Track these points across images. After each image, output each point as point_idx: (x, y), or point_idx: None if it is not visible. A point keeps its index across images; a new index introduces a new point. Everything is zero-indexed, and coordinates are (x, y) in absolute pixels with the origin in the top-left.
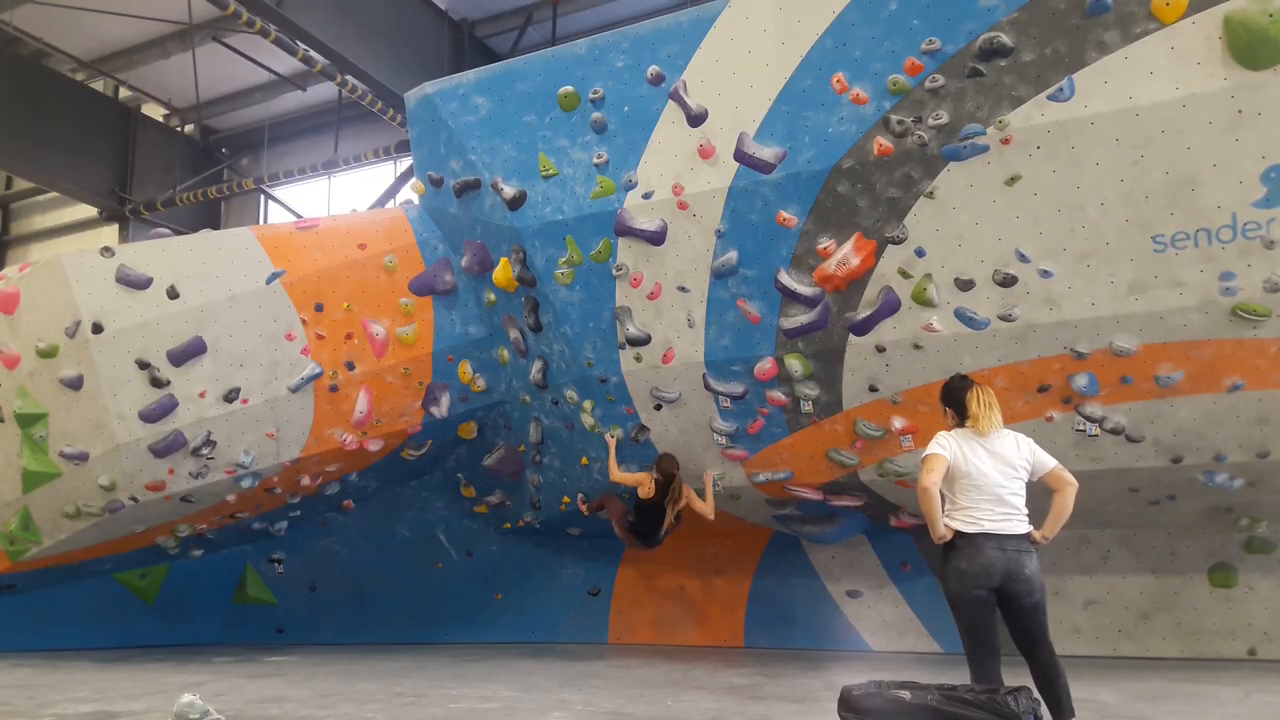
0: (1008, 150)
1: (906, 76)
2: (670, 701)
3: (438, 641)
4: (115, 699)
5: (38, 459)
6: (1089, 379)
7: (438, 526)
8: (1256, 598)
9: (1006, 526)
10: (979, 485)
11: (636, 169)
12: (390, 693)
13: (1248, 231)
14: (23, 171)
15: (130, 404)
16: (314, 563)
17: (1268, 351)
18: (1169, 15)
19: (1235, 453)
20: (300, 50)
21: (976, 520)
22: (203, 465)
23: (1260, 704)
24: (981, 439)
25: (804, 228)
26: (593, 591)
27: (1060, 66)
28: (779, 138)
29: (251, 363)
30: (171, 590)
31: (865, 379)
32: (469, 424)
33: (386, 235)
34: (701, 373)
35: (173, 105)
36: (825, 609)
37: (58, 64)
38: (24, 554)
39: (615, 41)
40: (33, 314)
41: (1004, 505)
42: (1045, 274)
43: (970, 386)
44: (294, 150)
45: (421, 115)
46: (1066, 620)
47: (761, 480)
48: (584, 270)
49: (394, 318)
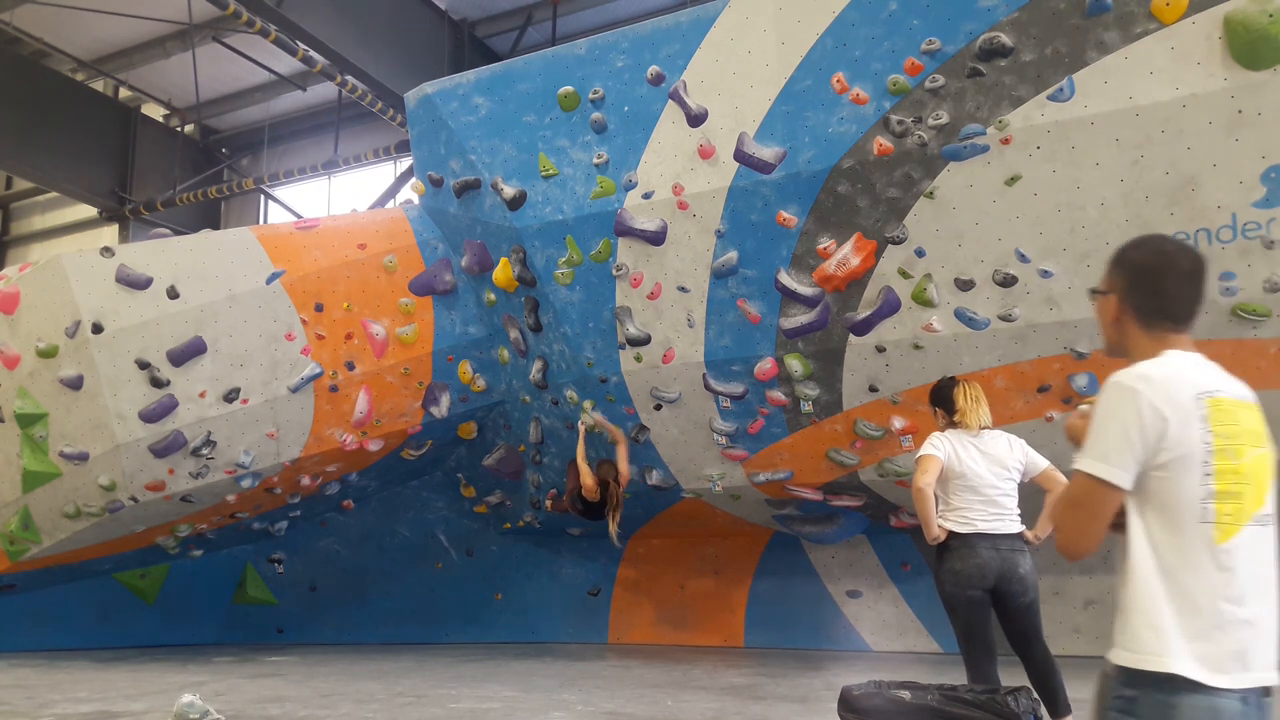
0: (1008, 150)
1: (906, 76)
2: (670, 701)
3: (438, 641)
4: (115, 699)
5: (38, 459)
6: (1089, 379)
7: (438, 526)
8: None
9: (1000, 526)
10: (973, 486)
11: (636, 169)
12: (390, 692)
13: (1248, 231)
14: (23, 171)
15: (130, 404)
16: (314, 563)
17: (1268, 351)
18: (1169, 15)
19: None
20: (300, 50)
21: (970, 520)
22: (203, 465)
23: None
24: (974, 440)
25: (804, 228)
26: (593, 591)
27: (1060, 66)
28: (779, 138)
29: (251, 363)
30: (171, 590)
31: (865, 379)
32: (469, 424)
33: (386, 235)
34: (701, 373)
35: (173, 105)
36: (825, 609)
37: (58, 64)
38: (24, 554)
39: (615, 41)
40: (33, 314)
41: (996, 505)
42: (1045, 274)
43: (957, 383)
44: (294, 150)
45: (421, 115)
46: (1066, 620)
47: (761, 480)
48: (584, 270)
49: (394, 318)
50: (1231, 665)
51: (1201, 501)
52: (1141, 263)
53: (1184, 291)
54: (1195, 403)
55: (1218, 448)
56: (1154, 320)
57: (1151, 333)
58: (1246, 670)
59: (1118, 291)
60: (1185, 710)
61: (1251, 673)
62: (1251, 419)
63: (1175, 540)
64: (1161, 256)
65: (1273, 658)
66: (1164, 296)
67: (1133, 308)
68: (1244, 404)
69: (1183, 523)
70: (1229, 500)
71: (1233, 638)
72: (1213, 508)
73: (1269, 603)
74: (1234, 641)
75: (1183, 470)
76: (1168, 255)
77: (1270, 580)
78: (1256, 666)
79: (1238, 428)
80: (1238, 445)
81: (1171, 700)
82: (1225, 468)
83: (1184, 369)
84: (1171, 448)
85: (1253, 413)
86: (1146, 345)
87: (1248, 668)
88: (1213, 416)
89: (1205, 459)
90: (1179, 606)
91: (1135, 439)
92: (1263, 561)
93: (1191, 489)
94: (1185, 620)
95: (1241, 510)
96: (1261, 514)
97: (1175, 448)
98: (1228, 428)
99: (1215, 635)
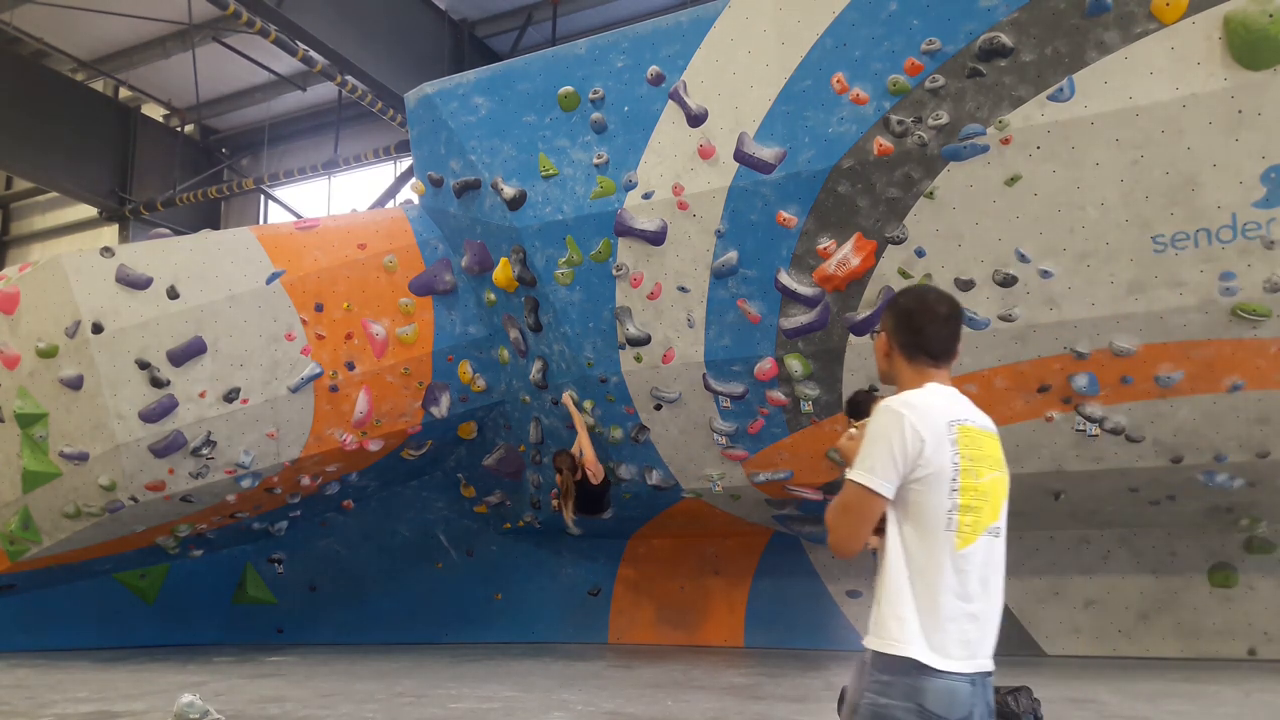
0: (1008, 150)
1: (906, 76)
2: (670, 701)
3: (438, 641)
4: (115, 699)
5: (38, 459)
6: (1089, 379)
7: (438, 526)
8: (1256, 598)
9: None
10: None
11: (636, 169)
12: (390, 693)
13: (1248, 231)
14: (23, 171)
15: (130, 404)
16: (314, 563)
17: (1267, 351)
18: (1169, 15)
19: (1235, 453)
20: (300, 50)
21: None
22: (203, 465)
23: (1260, 704)
24: None
25: (804, 228)
26: (593, 591)
27: (1060, 66)
28: (779, 138)
29: (251, 363)
30: (171, 590)
31: (865, 379)
32: (469, 424)
33: (386, 235)
34: (701, 373)
35: (173, 105)
36: (825, 609)
37: (58, 64)
38: (24, 554)
39: (615, 41)
40: (33, 314)
41: None
42: (1045, 274)
43: (874, 398)
44: (294, 150)
45: (421, 115)
46: (1066, 620)
47: (761, 480)
48: (584, 270)
49: (394, 318)
50: (959, 652)
51: (948, 513)
52: (905, 307)
53: (940, 333)
54: (948, 428)
55: (964, 468)
56: (915, 356)
57: (914, 366)
58: (973, 658)
59: (887, 331)
60: (929, 692)
61: (977, 660)
62: (992, 446)
63: (924, 544)
64: (922, 303)
65: (991, 647)
66: (923, 336)
67: (898, 345)
68: (987, 433)
69: (931, 530)
70: (969, 513)
71: (962, 629)
72: (956, 518)
73: (992, 602)
74: (962, 633)
75: (934, 485)
76: (927, 302)
77: (995, 583)
78: (980, 655)
79: (980, 452)
80: (979, 467)
81: (916, 684)
82: (969, 485)
83: (940, 400)
84: (926, 465)
85: (993, 441)
86: (910, 377)
87: (974, 655)
88: (961, 441)
89: (953, 476)
90: (921, 602)
91: (898, 456)
92: (991, 567)
93: (940, 501)
94: (924, 614)
95: (978, 522)
96: (994, 526)
97: (929, 465)
98: (972, 451)
99: (949, 627)
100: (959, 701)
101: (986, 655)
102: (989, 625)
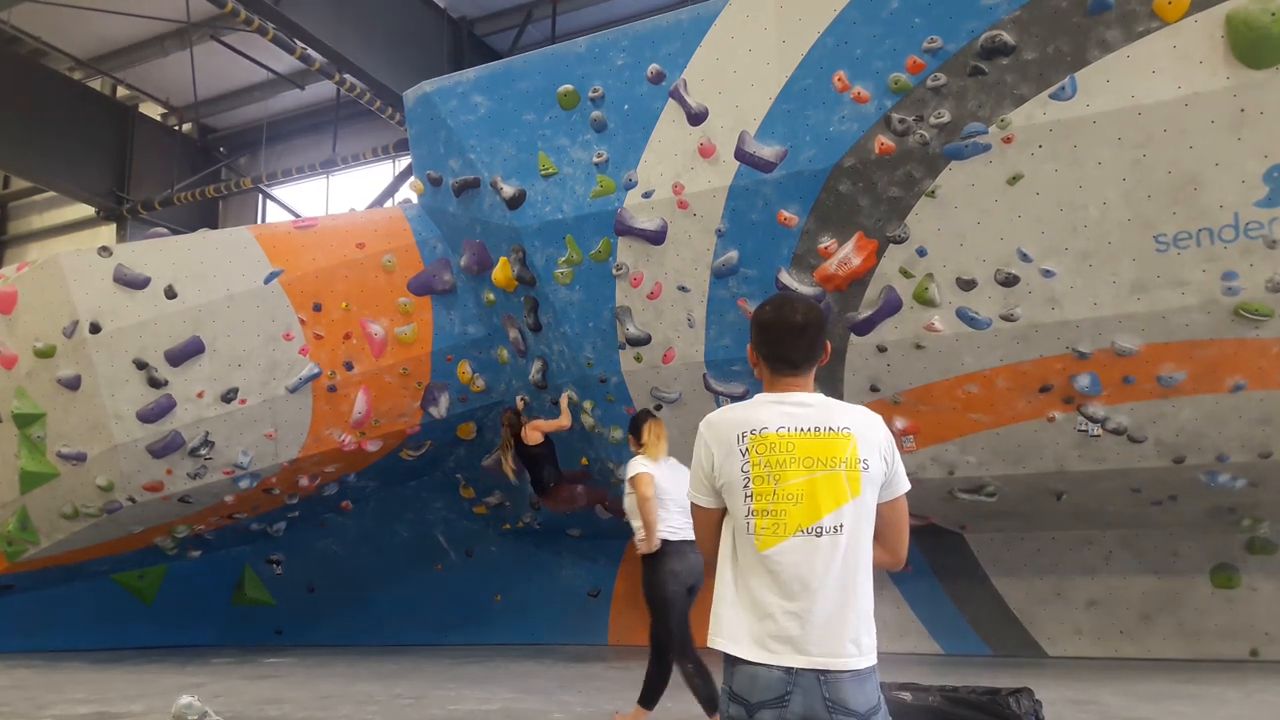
0: (1009, 149)
1: (908, 75)
2: (670, 702)
3: (437, 643)
4: (113, 700)
5: (35, 459)
6: (1091, 379)
7: (437, 527)
8: (1259, 598)
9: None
10: (675, 499)
11: (636, 168)
12: (389, 694)
13: (1250, 231)
14: (20, 171)
15: (128, 404)
16: (312, 564)
17: (1270, 351)
18: (1171, 14)
19: (1237, 453)
20: (298, 49)
21: (677, 530)
22: (201, 466)
23: (1262, 705)
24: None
25: (805, 227)
26: (592, 593)
27: (1062, 65)
28: (780, 136)
29: (249, 363)
30: (170, 591)
31: (866, 379)
32: (468, 424)
33: (385, 235)
34: (702, 373)
35: (170, 104)
36: None
37: (55, 63)
38: (22, 555)
39: (615, 40)
40: (30, 314)
41: (687, 517)
42: (1047, 273)
43: (647, 419)
44: (292, 149)
45: (420, 114)
46: (1068, 621)
47: None
48: (584, 270)
49: (393, 317)
50: (779, 647)
51: (744, 517)
52: (762, 319)
53: (798, 343)
54: (739, 440)
55: (755, 475)
56: (775, 364)
57: (775, 374)
58: (801, 654)
59: (752, 343)
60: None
61: (809, 657)
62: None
63: (741, 546)
64: (778, 313)
65: (828, 645)
66: (781, 347)
67: (762, 357)
68: (806, 435)
69: (740, 532)
70: (766, 516)
71: (780, 626)
72: (753, 522)
73: (819, 601)
74: (781, 629)
75: (731, 492)
76: (783, 314)
77: (823, 582)
78: (814, 652)
79: (786, 456)
80: (781, 471)
81: (729, 670)
82: (764, 490)
83: (748, 411)
84: (720, 475)
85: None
86: (771, 384)
87: (802, 652)
88: (754, 449)
89: (744, 484)
90: (743, 599)
91: (703, 470)
92: (810, 567)
93: (738, 507)
94: (745, 610)
95: (780, 524)
96: (814, 527)
97: (723, 475)
98: (771, 457)
99: (766, 623)
100: (760, 686)
101: (825, 654)
102: (818, 623)
